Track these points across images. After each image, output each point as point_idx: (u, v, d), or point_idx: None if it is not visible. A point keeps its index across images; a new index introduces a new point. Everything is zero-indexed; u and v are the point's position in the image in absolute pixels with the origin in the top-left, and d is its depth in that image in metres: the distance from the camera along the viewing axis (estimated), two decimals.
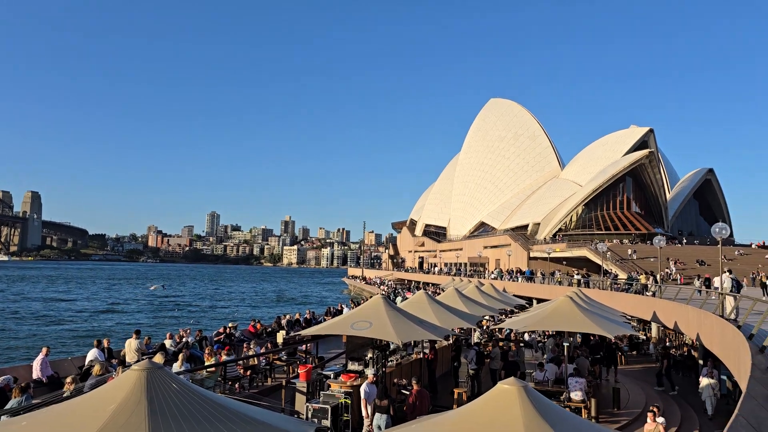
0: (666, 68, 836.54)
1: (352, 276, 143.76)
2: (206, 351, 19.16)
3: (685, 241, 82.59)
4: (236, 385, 17.63)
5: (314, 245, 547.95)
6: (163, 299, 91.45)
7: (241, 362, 19.26)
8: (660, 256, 52.49)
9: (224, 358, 18.34)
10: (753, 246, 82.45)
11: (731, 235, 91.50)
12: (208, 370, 17.13)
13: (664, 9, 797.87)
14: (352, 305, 40.03)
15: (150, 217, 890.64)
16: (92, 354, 17.31)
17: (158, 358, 16.47)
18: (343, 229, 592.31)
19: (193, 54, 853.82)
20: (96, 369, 14.79)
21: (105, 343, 18.55)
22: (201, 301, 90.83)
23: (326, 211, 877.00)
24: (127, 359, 17.74)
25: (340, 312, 34.96)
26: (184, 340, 20.87)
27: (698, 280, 37.50)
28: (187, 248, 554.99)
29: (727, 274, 22.35)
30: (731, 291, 20.37)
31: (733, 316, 17.80)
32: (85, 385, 13.13)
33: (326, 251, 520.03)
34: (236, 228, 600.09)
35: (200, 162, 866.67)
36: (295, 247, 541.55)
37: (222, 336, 23.76)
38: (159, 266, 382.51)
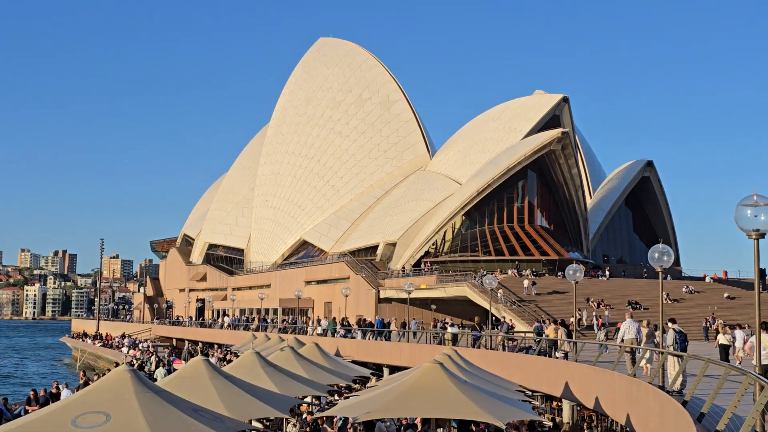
0: (585, 16, 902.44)
1: (80, 334, 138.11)
2: None
3: (609, 273, 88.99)
4: None
5: (11, 280, 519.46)
6: None
7: None
8: (575, 295, 56.10)
9: None
10: (707, 279, 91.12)
11: (677, 262, 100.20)
12: None
13: None
14: (81, 382, 38.54)
15: None
16: None
17: None
18: (65, 251, 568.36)
19: None
20: None
21: None
22: None
23: (34, 221, 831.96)
24: None
25: (57, 397, 33.79)
26: None
27: (599, 329, 40.65)
28: None
29: (670, 324, 24.49)
30: (674, 348, 22.33)
31: (677, 388, 19.51)
32: None
33: (33, 290, 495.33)
34: None
35: None
36: None
37: None
38: None
